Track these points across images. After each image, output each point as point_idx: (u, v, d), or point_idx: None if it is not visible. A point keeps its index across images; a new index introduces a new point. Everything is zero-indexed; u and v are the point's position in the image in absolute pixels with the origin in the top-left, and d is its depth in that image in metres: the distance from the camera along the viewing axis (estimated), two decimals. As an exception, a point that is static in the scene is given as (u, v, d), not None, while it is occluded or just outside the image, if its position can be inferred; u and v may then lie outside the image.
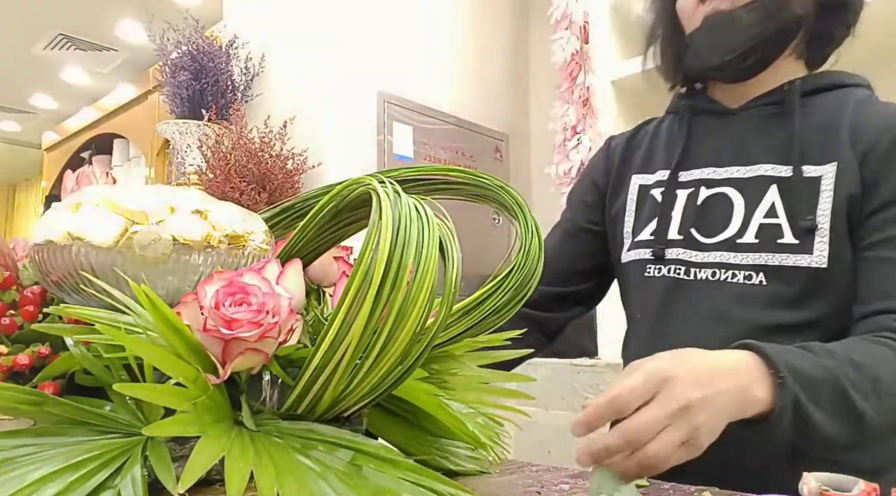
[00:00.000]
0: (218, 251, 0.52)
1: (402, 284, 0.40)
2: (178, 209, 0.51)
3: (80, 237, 0.48)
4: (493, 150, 2.21)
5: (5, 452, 0.38)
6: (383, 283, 0.39)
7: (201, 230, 0.51)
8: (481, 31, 2.27)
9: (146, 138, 2.84)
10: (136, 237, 0.49)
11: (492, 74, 2.29)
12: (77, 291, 0.49)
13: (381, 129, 1.89)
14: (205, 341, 0.41)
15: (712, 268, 0.77)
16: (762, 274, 0.74)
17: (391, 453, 0.42)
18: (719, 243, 0.77)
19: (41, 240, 0.49)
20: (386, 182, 0.45)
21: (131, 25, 3.12)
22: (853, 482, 0.44)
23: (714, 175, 0.81)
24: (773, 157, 0.77)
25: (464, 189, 0.60)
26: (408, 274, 0.40)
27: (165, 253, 0.49)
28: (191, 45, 1.93)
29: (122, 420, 0.43)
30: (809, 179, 0.74)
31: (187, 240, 0.50)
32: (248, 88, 1.99)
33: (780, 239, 0.73)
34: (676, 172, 0.83)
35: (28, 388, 0.42)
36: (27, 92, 4.00)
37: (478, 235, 2.09)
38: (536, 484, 0.52)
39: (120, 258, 0.48)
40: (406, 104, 1.97)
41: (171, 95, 1.95)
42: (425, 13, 2.09)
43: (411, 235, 0.41)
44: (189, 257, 0.50)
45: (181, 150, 1.91)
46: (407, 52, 2.01)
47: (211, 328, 0.40)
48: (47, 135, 3.80)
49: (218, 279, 0.42)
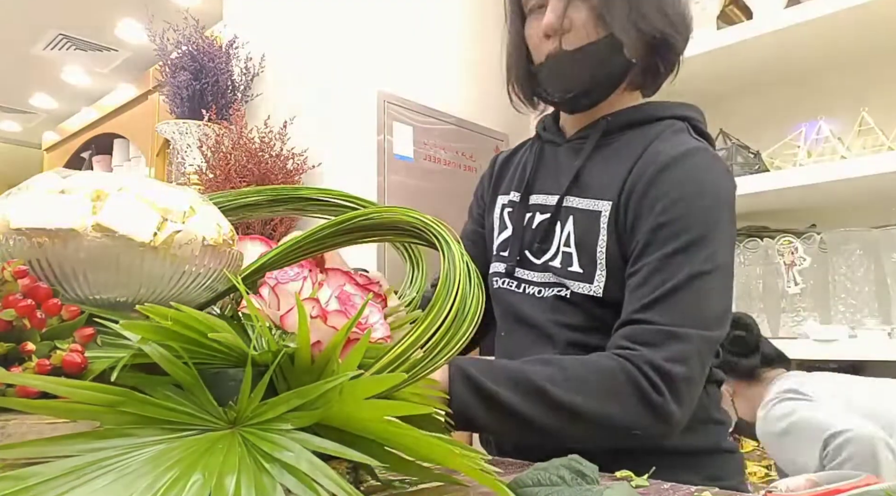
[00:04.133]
0: (225, 251, 0.51)
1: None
2: (197, 209, 0.51)
3: (110, 229, 0.46)
4: (493, 150, 2.21)
5: (81, 457, 0.36)
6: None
7: (222, 232, 0.51)
8: (481, 32, 2.27)
9: (146, 138, 2.83)
10: (178, 237, 0.47)
11: (492, 74, 2.28)
12: (70, 284, 0.47)
13: (381, 129, 1.89)
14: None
15: (538, 287, 0.85)
16: (568, 290, 0.82)
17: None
18: (541, 264, 0.85)
19: (52, 226, 0.45)
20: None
21: (131, 25, 3.12)
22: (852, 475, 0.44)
23: (546, 201, 0.88)
24: (573, 188, 0.84)
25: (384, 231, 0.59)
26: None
27: (195, 254, 0.48)
28: (191, 45, 1.93)
29: (201, 416, 0.41)
30: (593, 213, 0.81)
31: (215, 242, 0.50)
32: (248, 88, 1.99)
33: (570, 267, 0.81)
34: (525, 196, 0.90)
35: (106, 386, 0.38)
36: (27, 92, 4.00)
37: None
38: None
39: (152, 255, 0.47)
40: (406, 104, 1.97)
41: (171, 95, 1.95)
42: (425, 13, 2.09)
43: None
44: (207, 260, 0.50)
45: (181, 150, 1.91)
46: (407, 52, 2.01)
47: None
48: (47, 135, 3.80)
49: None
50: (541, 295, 0.85)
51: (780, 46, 1.69)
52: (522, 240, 0.89)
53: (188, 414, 0.40)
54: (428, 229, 0.53)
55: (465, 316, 0.47)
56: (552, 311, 0.83)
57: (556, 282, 0.83)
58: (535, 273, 0.86)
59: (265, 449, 0.39)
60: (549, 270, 0.84)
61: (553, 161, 0.91)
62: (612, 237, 0.79)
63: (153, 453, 0.37)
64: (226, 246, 0.52)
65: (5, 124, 4.58)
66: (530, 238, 0.87)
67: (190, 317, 0.41)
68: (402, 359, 0.43)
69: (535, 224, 0.88)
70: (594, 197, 0.82)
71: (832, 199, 1.67)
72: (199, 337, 0.41)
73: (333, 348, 0.42)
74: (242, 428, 0.40)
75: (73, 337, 0.44)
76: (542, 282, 0.85)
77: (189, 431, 0.40)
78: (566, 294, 0.82)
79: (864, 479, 0.45)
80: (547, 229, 0.85)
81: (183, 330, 0.41)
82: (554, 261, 0.84)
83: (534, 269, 0.86)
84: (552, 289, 0.83)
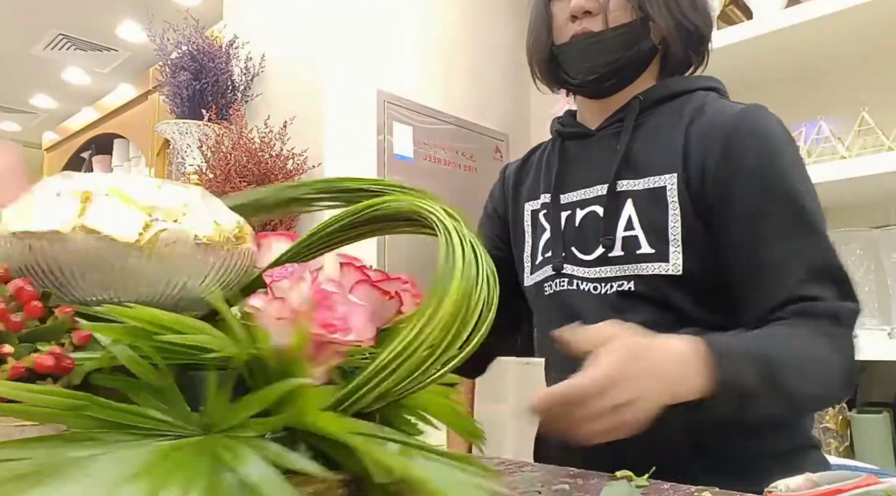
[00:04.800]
0: (227, 250, 0.51)
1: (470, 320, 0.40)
2: (192, 206, 0.49)
3: (95, 230, 0.46)
4: (493, 150, 2.21)
5: (33, 461, 0.34)
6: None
7: (219, 229, 0.50)
8: (481, 31, 2.27)
9: (146, 138, 2.83)
10: (164, 235, 0.47)
11: (492, 74, 2.28)
12: (67, 287, 0.47)
13: (381, 129, 1.89)
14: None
15: (594, 283, 0.82)
16: (632, 282, 0.78)
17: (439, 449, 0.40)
18: (595, 260, 0.82)
19: (40, 228, 0.46)
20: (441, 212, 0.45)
21: (131, 25, 3.12)
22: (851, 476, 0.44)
23: (585, 195, 0.85)
24: (623, 173, 0.81)
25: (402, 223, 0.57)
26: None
27: (185, 253, 0.48)
28: (191, 45, 1.93)
29: (170, 421, 0.40)
30: (656, 190, 0.78)
31: (209, 240, 0.49)
32: (248, 88, 1.99)
33: (638, 250, 0.78)
34: (556, 196, 0.88)
35: (70, 391, 0.38)
36: (27, 92, 4.00)
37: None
38: (537, 483, 0.51)
39: (137, 254, 0.46)
40: (406, 104, 1.97)
41: (171, 95, 1.95)
42: (425, 13, 2.09)
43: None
44: (205, 258, 0.49)
45: (181, 150, 1.91)
46: (407, 52, 2.01)
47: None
48: (47, 135, 3.80)
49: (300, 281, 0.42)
50: (597, 291, 0.81)
51: (780, 46, 1.69)
52: (564, 238, 0.86)
53: (156, 419, 0.39)
54: (428, 216, 0.50)
55: (476, 306, 0.43)
56: (613, 310, 0.78)
57: (616, 275, 0.79)
58: (588, 269, 0.82)
59: (226, 459, 0.37)
60: (607, 263, 0.80)
61: (583, 154, 0.88)
62: (687, 209, 0.76)
63: (110, 460, 0.35)
64: (227, 244, 0.51)
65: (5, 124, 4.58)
66: (575, 235, 0.85)
67: (161, 318, 0.40)
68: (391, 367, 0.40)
69: (577, 220, 0.85)
70: (653, 174, 0.79)
71: (832, 199, 1.67)
72: (175, 338, 0.40)
73: (296, 350, 0.40)
74: (213, 435, 0.39)
75: (69, 338, 0.44)
76: (598, 278, 0.81)
77: (160, 437, 0.39)
78: (629, 287, 0.78)
79: (864, 479, 0.45)
80: (597, 221, 0.82)
81: (157, 330, 0.40)
82: (612, 251, 0.80)
83: (585, 265, 0.83)
84: (611, 286, 0.80)
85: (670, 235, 0.76)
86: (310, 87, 1.87)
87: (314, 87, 1.86)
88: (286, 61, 1.95)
